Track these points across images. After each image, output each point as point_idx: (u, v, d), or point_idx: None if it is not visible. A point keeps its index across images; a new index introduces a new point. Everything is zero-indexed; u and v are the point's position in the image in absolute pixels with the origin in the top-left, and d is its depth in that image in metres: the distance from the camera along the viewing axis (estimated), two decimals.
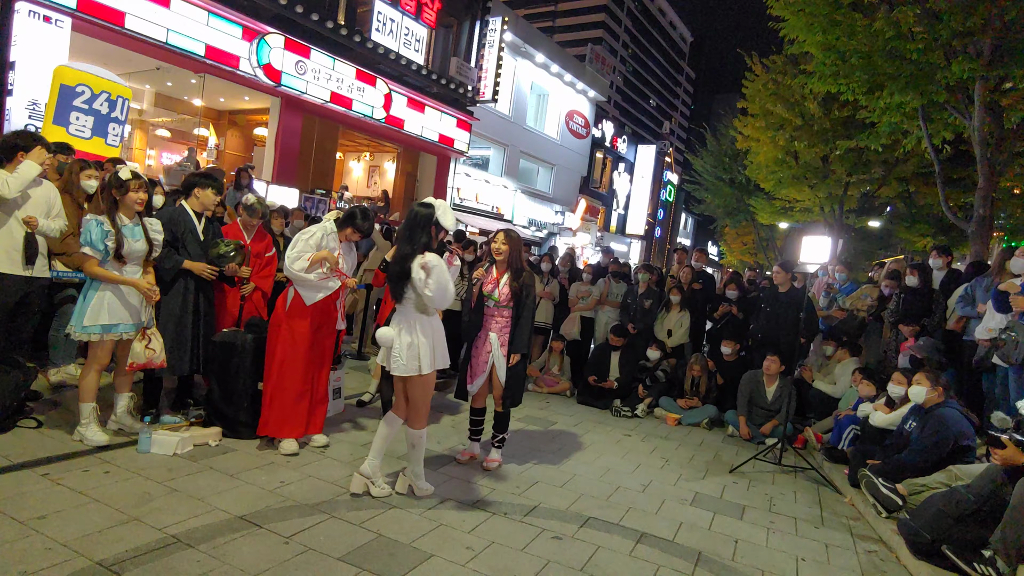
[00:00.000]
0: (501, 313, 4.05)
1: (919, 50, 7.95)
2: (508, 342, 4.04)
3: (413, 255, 3.22)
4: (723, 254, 35.62)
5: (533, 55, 21.36)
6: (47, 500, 2.82)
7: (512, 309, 4.03)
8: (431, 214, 3.29)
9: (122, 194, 3.55)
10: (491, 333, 4.07)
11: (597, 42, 62.86)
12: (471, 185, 19.90)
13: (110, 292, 3.53)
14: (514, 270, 4.02)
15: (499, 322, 4.06)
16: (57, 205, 3.93)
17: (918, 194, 15.84)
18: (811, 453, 5.55)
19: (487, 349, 4.07)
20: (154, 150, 13.88)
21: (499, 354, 4.04)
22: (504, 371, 4.05)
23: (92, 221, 3.48)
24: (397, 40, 13.72)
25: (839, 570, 3.26)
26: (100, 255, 3.46)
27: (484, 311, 4.08)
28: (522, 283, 4.01)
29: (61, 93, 6.17)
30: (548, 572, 2.80)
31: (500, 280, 4.04)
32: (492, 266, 4.10)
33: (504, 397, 4.09)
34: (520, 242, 4.12)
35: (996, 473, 3.17)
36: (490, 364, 4.07)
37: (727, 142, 22.63)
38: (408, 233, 3.30)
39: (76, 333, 3.50)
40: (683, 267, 7.74)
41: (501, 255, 3.99)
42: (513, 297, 4.00)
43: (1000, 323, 4.67)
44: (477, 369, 4.11)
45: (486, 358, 4.07)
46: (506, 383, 4.07)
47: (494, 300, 4.03)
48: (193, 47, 10.04)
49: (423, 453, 3.47)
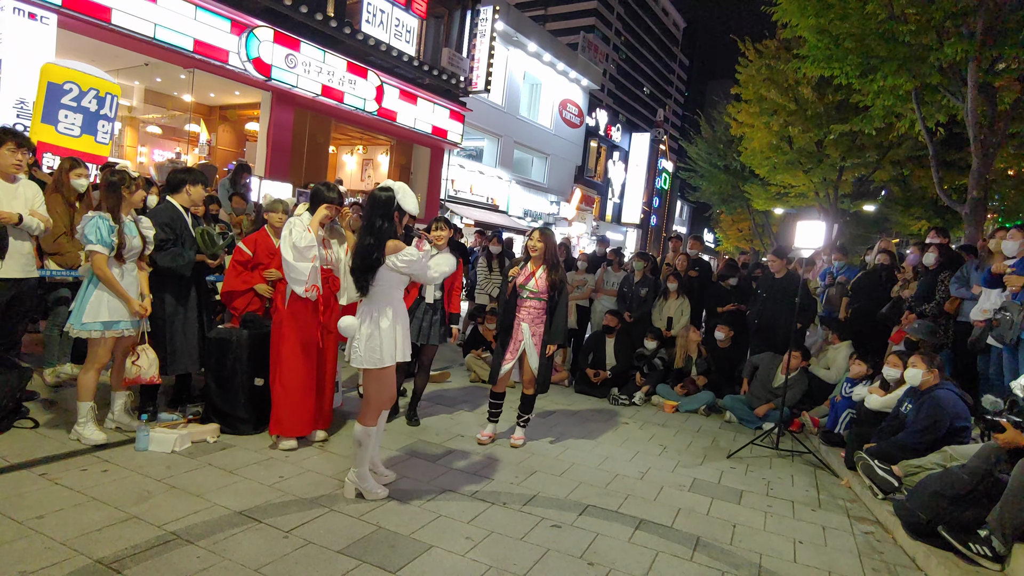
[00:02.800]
0: (534, 304, 4.39)
1: (912, 32, 7.93)
2: (544, 332, 4.38)
3: (378, 246, 3.03)
4: (719, 241, 35.63)
5: (525, 44, 21.23)
6: (45, 500, 2.81)
7: (547, 301, 4.39)
8: (391, 198, 3.08)
9: (131, 192, 3.59)
10: (523, 323, 4.40)
11: (589, 30, 62.46)
12: (465, 177, 19.84)
13: (105, 292, 3.53)
14: (550, 264, 4.38)
15: (531, 312, 4.40)
16: (38, 201, 3.87)
17: (912, 177, 15.86)
18: (807, 437, 5.58)
19: (519, 338, 4.40)
20: (145, 147, 13.76)
21: (531, 343, 4.37)
22: (536, 359, 4.37)
23: (97, 218, 3.48)
24: (388, 31, 13.61)
25: (836, 552, 3.29)
26: (110, 251, 3.48)
27: (516, 303, 4.42)
28: (559, 276, 4.38)
29: (49, 91, 6.10)
30: (548, 560, 2.82)
31: (536, 273, 4.38)
32: (527, 263, 4.43)
33: (535, 382, 4.41)
34: (554, 238, 4.53)
35: (991, 452, 3.19)
36: (521, 351, 4.40)
37: (721, 129, 22.60)
38: (368, 222, 3.07)
39: (75, 330, 3.49)
40: (679, 255, 7.74)
41: (537, 251, 4.36)
42: (550, 288, 4.36)
43: (995, 304, 4.68)
44: (508, 355, 4.41)
45: (517, 346, 4.40)
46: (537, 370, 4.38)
47: (529, 291, 4.37)
48: (181, 42, 9.95)
49: (369, 453, 3.22)
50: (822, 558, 3.19)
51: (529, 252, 4.40)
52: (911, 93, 9.08)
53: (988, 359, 4.92)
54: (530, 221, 23.18)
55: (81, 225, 3.49)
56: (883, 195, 18.85)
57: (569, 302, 7.63)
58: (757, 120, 15.86)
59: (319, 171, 14.28)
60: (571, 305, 7.65)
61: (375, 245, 3.03)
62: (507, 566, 2.72)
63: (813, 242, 5.15)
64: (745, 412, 5.97)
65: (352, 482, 3.24)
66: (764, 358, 6.01)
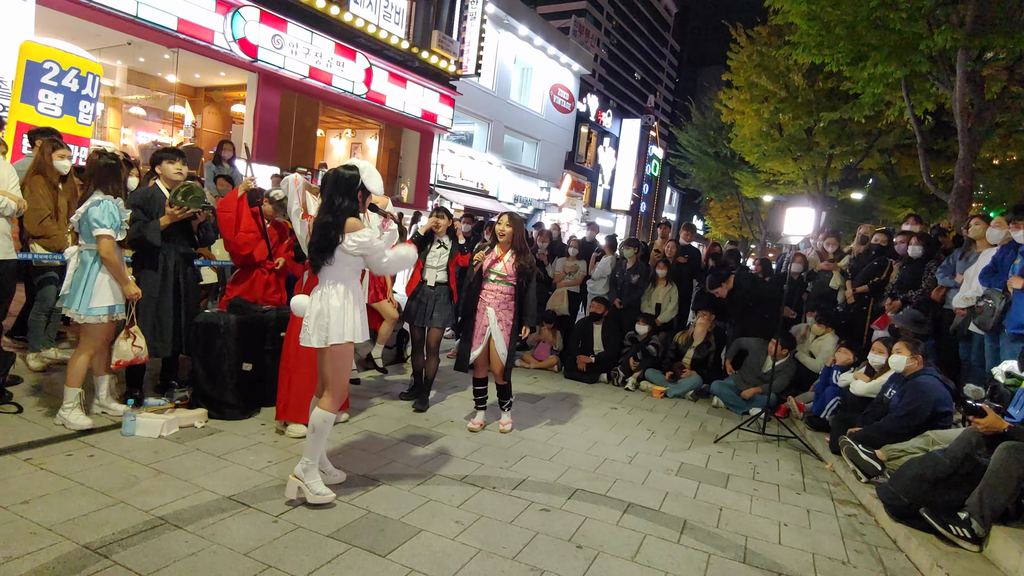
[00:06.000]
0: (501, 288, 4.33)
1: (903, 20, 7.95)
2: (514, 317, 4.35)
3: (337, 225, 2.87)
4: (708, 228, 35.79)
5: (516, 27, 21.00)
6: (30, 485, 2.79)
7: (515, 286, 4.33)
8: (356, 176, 2.94)
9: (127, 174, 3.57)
10: (488, 307, 4.33)
11: (581, 14, 61.92)
12: (455, 162, 19.69)
13: (107, 275, 3.51)
14: (518, 250, 4.34)
15: (498, 297, 4.33)
16: (12, 182, 3.80)
17: (900, 165, 16.00)
18: (793, 422, 5.65)
19: (484, 322, 4.34)
20: (129, 128, 13.50)
21: (496, 328, 4.31)
22: (503, 346, 4.32)
23: (107, 202, 3.45)
24: (376, 12, 13.40)
25: (820, 534, 3.35)
26: (119, 235, 3.47)
27: (482, 287, 4.36)
28: (528, 261, 4.34)
29: (28, 70, 5.97)
30: (537, 543, 2.84)
31: (503, 258, 4.34)
32: (494, 247, 4.40)
33: (505, 370, 4.39)
34: (523, 224, 4.45)
35: (971, 436, 3.25)
36: (487, 336, 4.33)
37: (712, 115, 22.58)
38: (328, 200, 2.92)
39: (83, 316, 3.45)
40: (667, 241, 7.76)
41: (505, 236, 4.31)
42: (519, 274, 4.31)
43: (977, 292, 4.75)
44: (475, 341, 4.36)
45: (483, 330, 4.34)
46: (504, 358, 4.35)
47: (496, 274, 4.32)
48: (165, 21, 9.71)
49: (324, 444, 3.01)
50: (806, 540, 3.24)
51: (497, 236, 4.35)
52: (901, 81, 9.12)
53: (970, 346, 5.00)
54: (520, 207, 23.11)
55: (86, 209, 3.43)
56: (871, 183, 19.00)
57: (560, 288, 7.70)
58: (747, 107, 15.87)
59: (307, 155, 14.11)
60: (562, 292, 7.66)
61: (334, 224, 2.88)
62: (496, 549, 2.74)
63: (802, 229, 5.18)
64: (733, 398, 6.03)
65: (297, 478, 2.92)
66: (753, 344, 6.06)
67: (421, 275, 4.85)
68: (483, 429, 4.48)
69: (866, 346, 5.35)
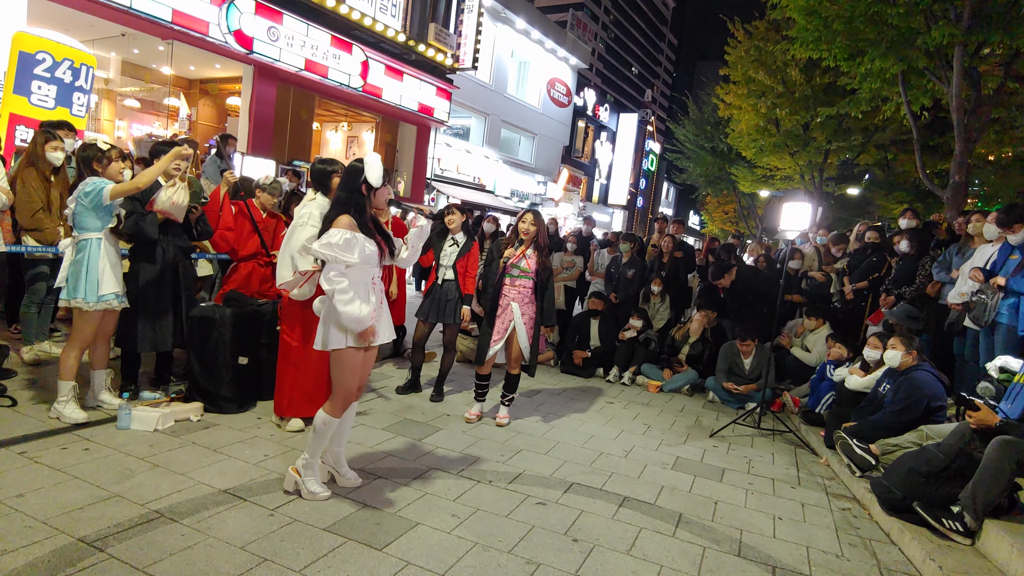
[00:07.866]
0: (524, 284, 4.41)
1: (900, 15, 7.94)
2: (535, 314, 4.42)
3: (328, 219, 2.83)
4: (705, 223, 35.80)
5: (513, 21, 20.91)
6: (25, 478, 2.78)
7: (535, 281, 4.41)
8: (357, 168, 2.87)
9: (104, 166, 3.54)
10: (512, 303, 4.40)
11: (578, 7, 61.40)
12: (452, 155, 19.64)
13: (108, 262, 3.50)
14: (540, 247, 4.44)
15: (522, 292, 4.41)
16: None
17: (896, 161, 16.02)
18: (788, 416, 5.68)
19: (508, 317, 4.40)
20: (124, 121, 13.40)
21: (521, 323, 4.37)
22: (526, 340, 4.40)
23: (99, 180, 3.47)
24: (373, 5, 13.32)
25: (814, 527, 3.37)
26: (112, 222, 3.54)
27: (504, 283, 4.43)
28: (548, 258, 4.48)
29: (20, 61, 5.91)
30: (533, 537, 2.85)
31: (526, 253, 4.43)
32: (519, 244, 4.46)
33: (522, 364, 4.47)
34: (544, 221, 4.56)
35: (964, 431, 3.27)
36: (509, 331, 4.40)
37: (709, 110, 22.57)
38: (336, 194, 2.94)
39: (94, 304, 3.43)
40: (664, 236, 7.77)
41: (529, 234, 4.39)
42: (541, 270, 4.41)
43: (972, 287, 4.77)
44: (496, 336, 4.41)
45: (507, 325, 4.40)
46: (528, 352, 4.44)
47: (520, 270, 4.40)
48: (159, 12, 9.64)
49: (325, 444, 2.96)
50: (800, 533, 3.26)
51: (522, 234, 4.41)
52: (897, 76, 9.12)
53: (964, 341, 5.02)
54: (517, 201, 23.08)
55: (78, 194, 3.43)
56: (867, 179, 19.02)
57: (557, 283, 7.70)
58: (745, 102, 15.87)
59: (303, 148, 14.03)
60: (559, 287, 7.66)
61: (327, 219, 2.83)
62: (492, 543, 2.75)
63: (799, 224, 5.19)
64: (728, 392, 6.05)
65: (295, 472, 2.94)
66: (724, 350, 6.11)
67: (436, 274, 4.92)
68: (479, 420, 4.51)
69: (863, 342, 5.38)
